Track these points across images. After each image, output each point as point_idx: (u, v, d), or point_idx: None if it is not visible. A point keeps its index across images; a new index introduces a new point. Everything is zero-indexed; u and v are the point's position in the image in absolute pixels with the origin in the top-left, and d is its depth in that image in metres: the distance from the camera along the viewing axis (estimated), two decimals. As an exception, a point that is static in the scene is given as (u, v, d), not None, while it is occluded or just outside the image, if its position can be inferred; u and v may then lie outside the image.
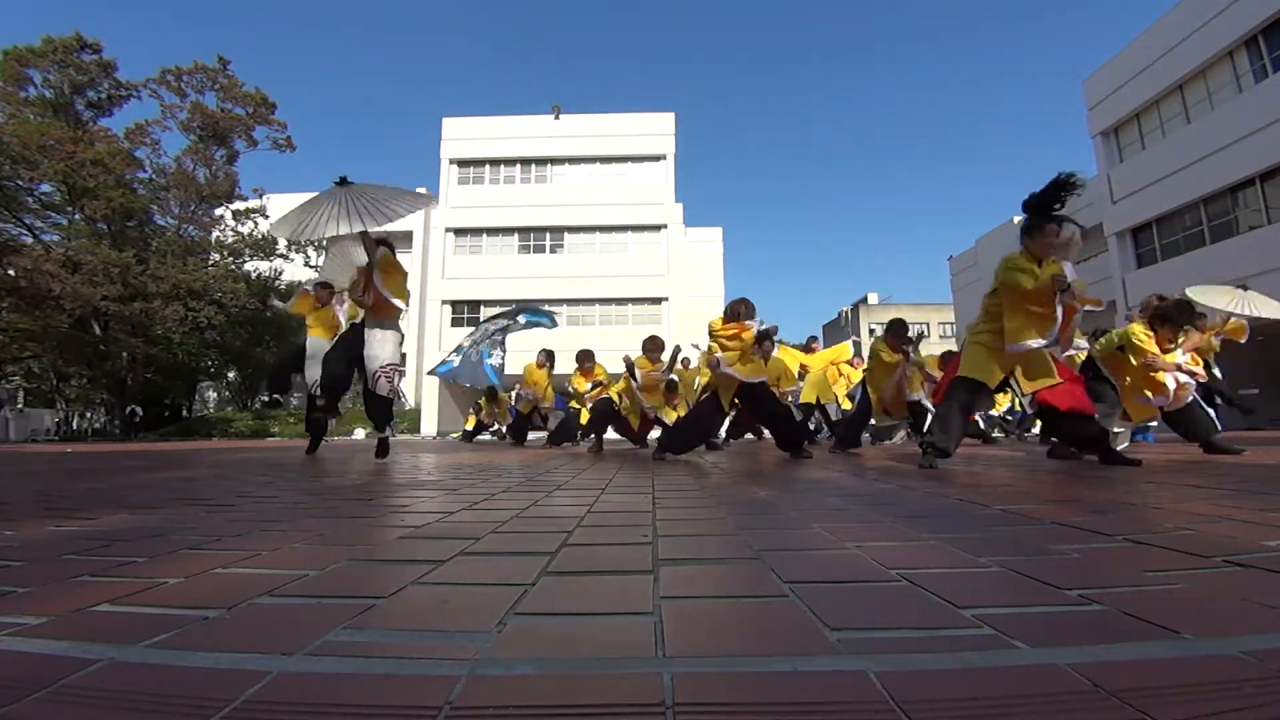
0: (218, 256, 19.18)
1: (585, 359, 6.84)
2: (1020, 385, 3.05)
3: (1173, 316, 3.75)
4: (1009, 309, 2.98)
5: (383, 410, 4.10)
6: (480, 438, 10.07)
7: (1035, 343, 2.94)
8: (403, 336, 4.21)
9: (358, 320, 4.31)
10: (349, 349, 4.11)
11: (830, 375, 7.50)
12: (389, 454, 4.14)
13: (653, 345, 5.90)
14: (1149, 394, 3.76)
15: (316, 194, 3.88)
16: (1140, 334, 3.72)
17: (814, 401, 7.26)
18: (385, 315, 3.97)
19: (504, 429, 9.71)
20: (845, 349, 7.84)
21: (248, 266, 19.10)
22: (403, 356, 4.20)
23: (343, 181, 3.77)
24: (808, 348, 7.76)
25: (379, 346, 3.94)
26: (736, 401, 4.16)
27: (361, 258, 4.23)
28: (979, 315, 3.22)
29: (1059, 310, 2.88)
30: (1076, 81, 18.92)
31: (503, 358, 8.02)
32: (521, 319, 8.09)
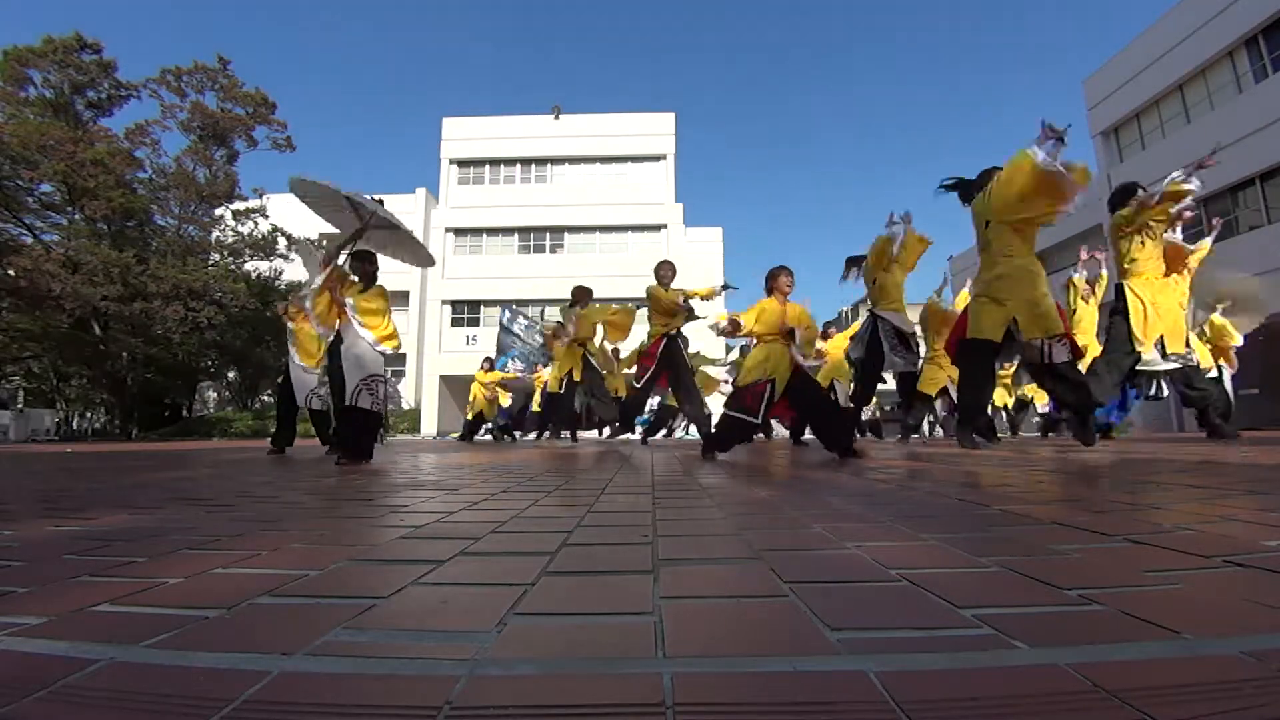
0: (218, 256, 19.20)
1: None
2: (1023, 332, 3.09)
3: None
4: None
5: (365, 426, 3.77)
6: (479, 436, 10.02)
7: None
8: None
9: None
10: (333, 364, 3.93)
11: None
12: (370, 459, 3.84)
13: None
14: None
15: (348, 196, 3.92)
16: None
17: (828, 384, 7.16)
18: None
19: (499, 425, 9.70)
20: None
21: (248, 266, 19.12)
22: (400, 356, 4.10)
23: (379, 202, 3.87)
24: (825, 334, 7.68)
25: (357, 359, 3.73)
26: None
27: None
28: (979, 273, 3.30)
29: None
30: (1076, 81, 18.94)
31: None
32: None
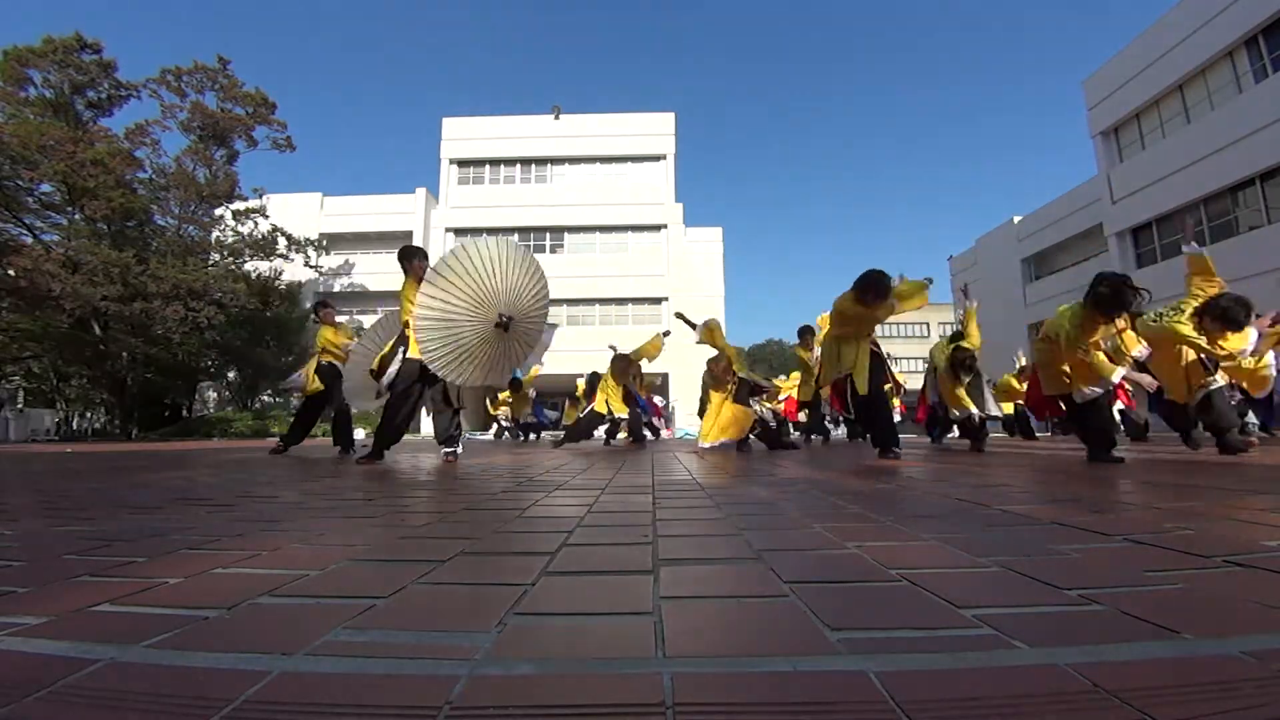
0: (218, 256, 19.20)
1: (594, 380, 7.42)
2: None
3: (1232, 313, 3.43)
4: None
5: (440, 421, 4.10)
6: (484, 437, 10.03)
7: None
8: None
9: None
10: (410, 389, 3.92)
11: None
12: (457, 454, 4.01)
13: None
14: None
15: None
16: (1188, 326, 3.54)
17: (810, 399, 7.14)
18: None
19: (518, 426, 9.70)
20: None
21: (248, 266, 19.12)
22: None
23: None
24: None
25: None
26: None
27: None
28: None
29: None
30: (1076, 81, 18.95)
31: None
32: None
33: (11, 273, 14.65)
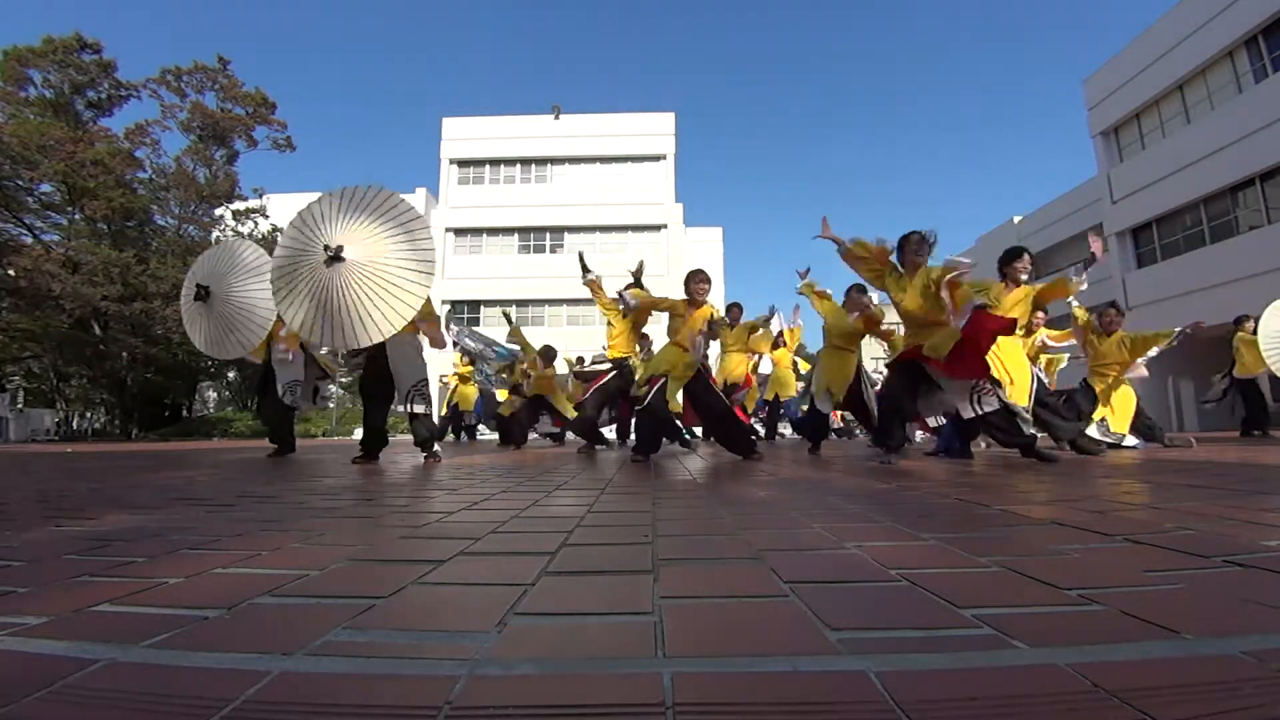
0: (218, 256, 19.18)
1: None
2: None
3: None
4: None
5: (421, 426, 3.92)
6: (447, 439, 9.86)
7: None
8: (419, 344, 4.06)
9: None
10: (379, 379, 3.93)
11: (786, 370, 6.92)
12: (436, 458, 3.90)
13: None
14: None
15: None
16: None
17: (771, 398, 6.80)
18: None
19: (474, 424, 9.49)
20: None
21: (248, 266, 19.09)
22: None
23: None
24: (775, 344, 6.78)
25: (405, 365, 3.85)
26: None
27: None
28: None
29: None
30: (1076, 81, 18.94)
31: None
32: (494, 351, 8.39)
33: (11, 273, 14.66)
